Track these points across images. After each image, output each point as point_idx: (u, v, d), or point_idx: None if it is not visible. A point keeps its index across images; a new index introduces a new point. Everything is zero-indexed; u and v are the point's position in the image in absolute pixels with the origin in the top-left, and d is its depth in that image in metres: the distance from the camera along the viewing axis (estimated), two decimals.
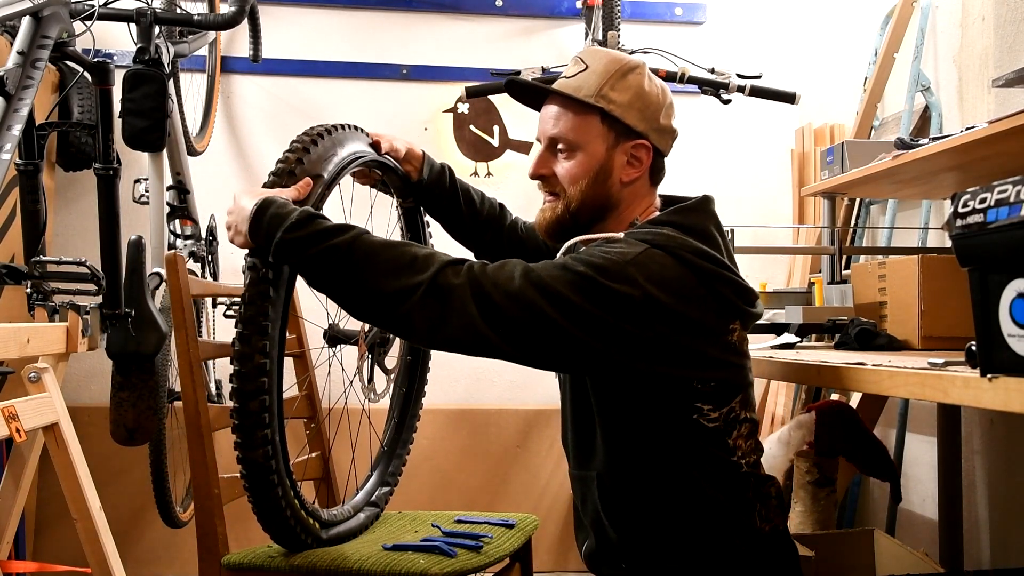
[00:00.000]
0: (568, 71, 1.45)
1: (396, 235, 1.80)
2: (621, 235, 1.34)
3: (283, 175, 1.36)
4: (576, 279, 1.24)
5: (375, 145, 1.58)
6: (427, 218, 1.81)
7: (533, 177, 1.47)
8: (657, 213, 1.45)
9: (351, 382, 1.61)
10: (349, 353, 1.67)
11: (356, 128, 1.55)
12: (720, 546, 1.35)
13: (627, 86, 1.40)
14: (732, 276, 1.33)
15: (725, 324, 1.34)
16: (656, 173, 1.46)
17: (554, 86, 1.45)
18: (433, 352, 1.48)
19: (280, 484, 1.37)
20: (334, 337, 1.68)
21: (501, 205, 1.79)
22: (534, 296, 1.22)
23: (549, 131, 1.44)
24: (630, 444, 1.36)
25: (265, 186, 1.36)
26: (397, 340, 1.74)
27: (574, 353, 1.26)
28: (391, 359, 1.74)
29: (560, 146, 1.43)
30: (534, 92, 1.50)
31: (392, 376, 1.73)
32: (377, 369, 1.70)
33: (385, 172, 1.64)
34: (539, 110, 1.49)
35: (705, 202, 1.43)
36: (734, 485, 1.36)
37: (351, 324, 1.63)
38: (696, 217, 1.39)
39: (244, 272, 1.33)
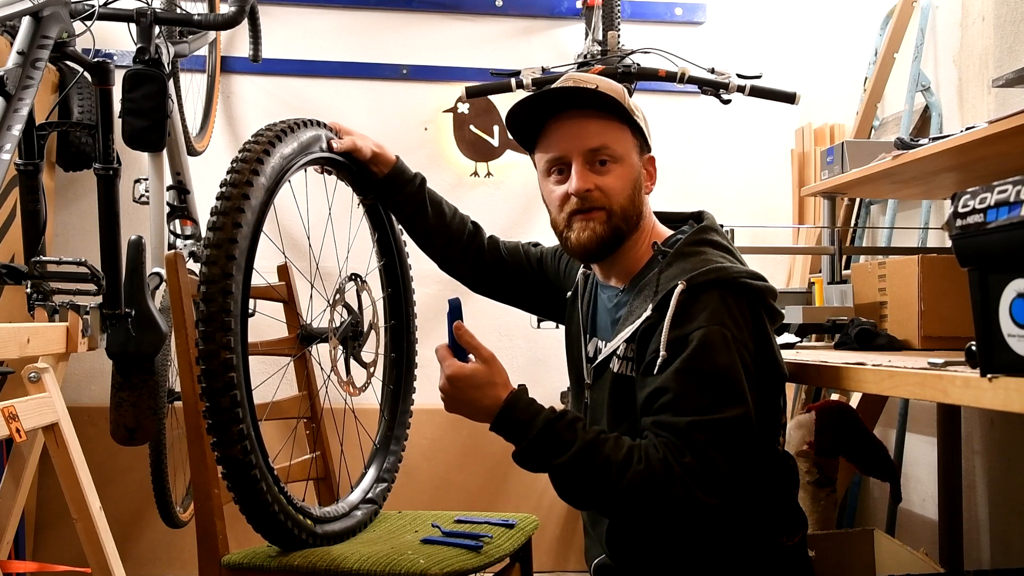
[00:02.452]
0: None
1: (364, 231, 1.81)
2: (683, 284, 1.32)
3: (239, 185, 1.35)
4: (717, 385, 1.27)
5: (333, 140, 1.60)
6: (399, 228, 1.82)
7: (581, 192, 1.41)
8: (660, 228, 1.51)
9: (327, 377, 1.62)
10: (326, 351, 1.67)
11: (316, 124, 1.56)
12: (748, 561, 1.36)
13: (636, 104, 1.47)
14: (769, 285, 1.38)
15: (771, 330, 1.40)
16: None
17: (608, 93, 1.42)
18: (428, 351, 1.49)
19: (263, 479, 1.37)
20: (307, 336, 1.70)
21: (476, 224, 1.76)
22: (724, 441, 1.26)
23: (590, 143, 1.41)
24: None
25: (221, 198, 1.34)
26: (372, 334, 1.75)
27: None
28: (369, 354, 1.74)
29: (603, 158, 1.41)
30: (575, 98, 1.43)
31: (371, 370, 1.73)
32: (355, 364, 1.70)
33: (338, 169, 1.65)
34: (531, 147, 1.50)
35: (713, 219, 1.50)
36: (782, 483, 1.43)
37: (322, 322, 1.65)
38: (716, 235, 1.44)
39: (201, 269, 1.33)
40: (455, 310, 1.38)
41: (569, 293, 1.63)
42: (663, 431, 1.27)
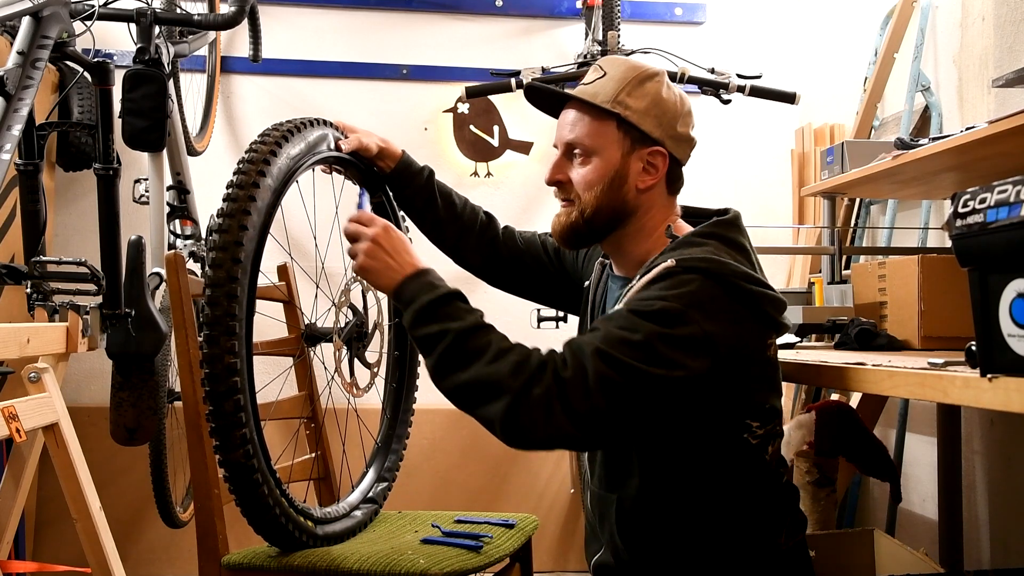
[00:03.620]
0: (587, 77, 1.45)
1: None
2: (672, 262, 1.28)
3: (246, 186, 1.34)
4: (647, 343, 1.20)
5: (340, 140, 1.58)
6: (408, 223, 1.80)
7: (550, 183, 1.47)
8: (681, 223, 1.48)
9: (332, 377, 1.62)
10: (330, 351, 1.67)
11: (323, 123, 1.54)
12: (742, 562, 1.35)
13: (644, 93, 1.41)
14: (773, 293, 1.33)
15: (764, 340, 1.34)
16: (674, 182, 1.47)
17: (573, 92, 1.45)
18: None
19: (265, 483, 1.37)
20: (312, 336, 1.70)
21: (489, 214, 1.75)
22: (615, 383, 1.19)
23: (566, 137, 1.44)
24: (671, 466, 1.35)
25: (226, 199, 1.34)
26: (376, 335, 1.74)
27: (651, 420, 1.26)
28: (372, 354, 1.74)
29: (576, 151, 1.43)
30: (551, 97, 1.50)
31: (375, 370, 1.73)
32: (359, 364, 1.70)
33: (346, 168, 1.64)
34: (557, 116, 1.50)
35: (738, 217, 1.46)
36: (775, 494, 1.39)
37: (326, 322, 1.65)
38: (735, 232, 1.42)
39: (206, 272, 1.33)
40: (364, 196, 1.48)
41: (587, 283, 1.62)
42: (567, 347, 1.25)
